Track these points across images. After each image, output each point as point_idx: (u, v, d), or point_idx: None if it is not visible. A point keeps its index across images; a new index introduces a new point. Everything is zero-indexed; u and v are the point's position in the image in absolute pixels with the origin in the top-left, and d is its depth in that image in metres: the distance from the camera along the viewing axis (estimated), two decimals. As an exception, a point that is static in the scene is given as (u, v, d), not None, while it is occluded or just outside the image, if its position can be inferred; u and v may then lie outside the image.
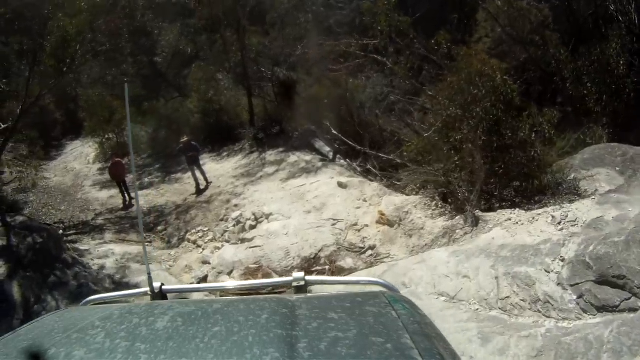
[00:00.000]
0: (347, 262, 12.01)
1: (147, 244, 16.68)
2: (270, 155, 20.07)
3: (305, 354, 1.38)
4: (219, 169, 20.63)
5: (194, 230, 16.28)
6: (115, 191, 20.33)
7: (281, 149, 20.26)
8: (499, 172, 12.19)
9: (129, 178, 19.86)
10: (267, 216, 15.10)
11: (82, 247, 16.09)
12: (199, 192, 19.02)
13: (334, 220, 13.95)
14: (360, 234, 13.23)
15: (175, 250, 15.68)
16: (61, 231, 17.84)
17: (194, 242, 15.61)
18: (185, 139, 19.33)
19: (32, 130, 25.90)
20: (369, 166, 18.52)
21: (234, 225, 15.50)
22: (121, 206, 19.77)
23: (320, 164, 18.18)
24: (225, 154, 21.98)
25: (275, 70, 23.13)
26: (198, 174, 19.32)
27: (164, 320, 1.68)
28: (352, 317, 1.66)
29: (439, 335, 1.71)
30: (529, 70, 18.91)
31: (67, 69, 20.75)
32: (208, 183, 19.39)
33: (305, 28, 23.89)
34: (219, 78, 24.37)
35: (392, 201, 13.55)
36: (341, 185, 15.56)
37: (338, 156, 19.23)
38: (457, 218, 11.76)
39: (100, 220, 18.83)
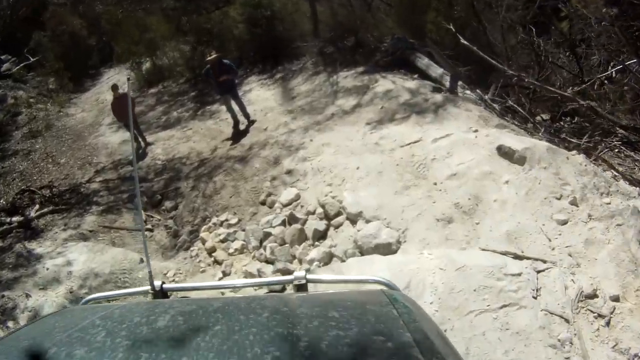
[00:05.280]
0: None
1: (147, 231, 7.98)
2: (345, 78, 10.40)
3: (306, 353, 1.14)
4: (269, 98, 11.23)
5: (215, 219, 7.25)
6: (128, 134, 11.40)
7: (361, 69, 10.57)
8: None
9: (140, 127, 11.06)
10: (353, 218, 5.81)
11: (38, 250, 7.66)
12: (237, 135, 9.83)
13: (519, 258, 4.76)
14: (613, 336, 3.89)
15: (178, 263, 6.81)
16: (37, 207, 9.34)
17: (211, 252, 6.59)
18: (212, 55, 9.89)
19: (58, 61, 18.10)
20: (510, 102, 8.80)
21: (282, 224, 6.32)
22: (131, 156, 10.90)
23: (439, 97, 8.38)
24: (279, 75, 12.43)
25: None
26: (235, 106, 10.07)
27: (165, 319, 1.36)
28: (353, 316, 1.34)
29: (440, 334, 1.41)
30: None
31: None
32: (250, 121, 10.14)
33: None
34: (268, -28, 14.49)
35: None
36: (507, 153, 6.06)
37: (460, 84, 9.30)
38: None
39: (95, 184, 10.14)
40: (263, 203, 7.02)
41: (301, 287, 1.84)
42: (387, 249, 5.12)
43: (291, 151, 7.95)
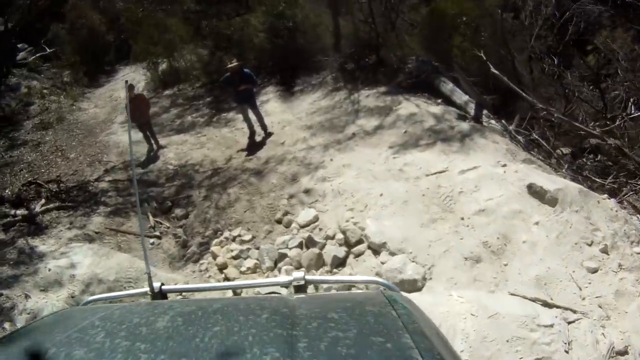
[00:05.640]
0: None
1: (155, 238, 7.59)
2: (367, 97, 10.11)
3: (305, 354, 1.10)
4: (287, 110, 10.96)
5: (227, 234, 6.91)
6: (141, 135, 11.10)
7: (383, 89, 10.30)
8: None
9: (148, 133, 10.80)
10: (376, 249, 5.49)
11: (41, 248, 7.31)
12: (252, 147, 9.54)
13: (549, 306, 4.58)
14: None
15: (186, 276, 6.50)
16: (43, 201, 9.02)
17: (222, 268, 6.26)
18: (233, 63, 9.61)
19: (75, 55, 17.94)
20: (534, 135, 8.51)
21: (299, 246, 5.98)
22: (142, 158, 10.62)
23: (465, 126, 8.05)
24: (298, 89, 12.17)
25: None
26: (252, 116, 9.78)
27: (164, 320, 1.33)
28: (352, 317, 1.31)
29: (439, 335, 1.41)
30: None
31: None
32: (267, 133, 9.84)
33: None
34: (293, -16, 14.23)
35: None
36: (538, 193, 5.80)
37: (485, 112, 8.96)
38: None
39: (104, 183, 9.81)
40: (279, 221, 6.70)
41: (300, 288, 1.77)
42: (412, 286, 4.81)
43: (310, 169, 7.65)
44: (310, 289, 1.85)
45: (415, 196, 6.03)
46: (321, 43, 13.80)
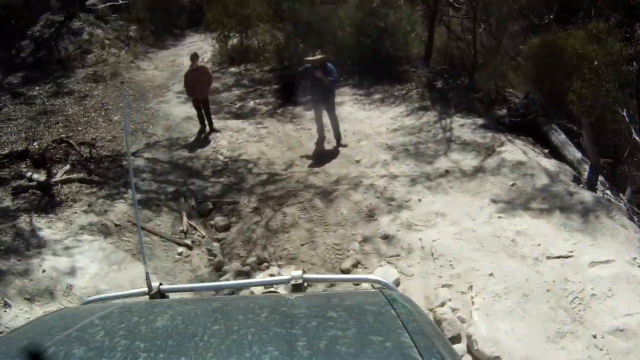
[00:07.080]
0: None
1: (185, 247, 5.94)
2: (462, 126, 8.14)
3: (304, 353, 1.05)
4: (364, 120, 9.15)
5: (276, 269, 5.19)
6: (194, 112, 9.52)
7: (480, 121, 8.34)
8: None
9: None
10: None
11: (45, 232, 5.85)
12: (319, 156, 7.82)
13: None
14: None
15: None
16: (67, 167, 7.53)
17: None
18: (317, 55, 7.88)
19: (146, 11, 16.90)
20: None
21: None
22: (191, 139, 9.05)
23: (588, 196, 5.84)
24: (378, 97, 10.32)
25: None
26: (327, 120, 8.09)
27: (164, 319, 1.28)
28: (351, 316, 1.26)
29: (439, 334, 1.32)
30: None
31: None
32: (339, 144, 8.10)
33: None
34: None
35: None
36: None
37: (601, 180, 6.83)
38: None
39: (141, 160, 8.28)
40: (343, 272, 4.94)
41: (298, 287, 1.63)
42: None
43: (392, 207, 5.84)
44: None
45: (539, 289, 4.20)
46: (409, 52, 11.98)
